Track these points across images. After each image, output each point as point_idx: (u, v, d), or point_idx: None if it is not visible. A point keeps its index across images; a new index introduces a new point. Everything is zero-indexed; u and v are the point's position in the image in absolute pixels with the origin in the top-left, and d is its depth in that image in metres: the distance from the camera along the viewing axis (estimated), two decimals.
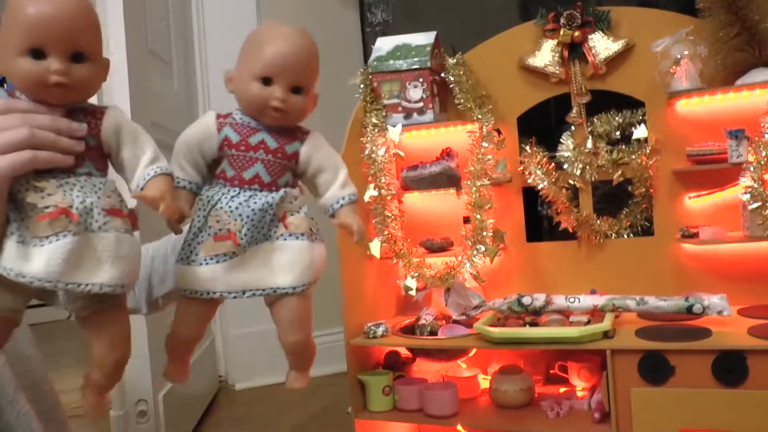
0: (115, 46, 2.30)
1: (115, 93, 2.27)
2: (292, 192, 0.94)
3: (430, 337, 1.97)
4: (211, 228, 0.89)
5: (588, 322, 1.78)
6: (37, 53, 0.74)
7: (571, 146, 2.03)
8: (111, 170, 0.86)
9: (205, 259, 0.89)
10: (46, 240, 0.73)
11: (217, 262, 0.89)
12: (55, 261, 0.73)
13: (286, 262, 0.90)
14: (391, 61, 2.10)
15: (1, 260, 0.74)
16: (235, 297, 0.91)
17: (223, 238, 0.88)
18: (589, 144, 2.02)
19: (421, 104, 2.07)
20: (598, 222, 2.04)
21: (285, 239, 0.91)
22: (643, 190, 1.98)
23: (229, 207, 0.89)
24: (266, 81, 0.90)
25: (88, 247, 0.75)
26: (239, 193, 0.90)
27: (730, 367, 1.55)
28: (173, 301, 1.01)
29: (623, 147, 2.00)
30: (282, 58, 0.90)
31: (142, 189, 0.81)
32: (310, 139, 0.97)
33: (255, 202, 0.89)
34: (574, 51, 2.00)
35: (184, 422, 2.85)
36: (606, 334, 1.71)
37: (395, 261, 2.08)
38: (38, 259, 0.73)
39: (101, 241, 0.76)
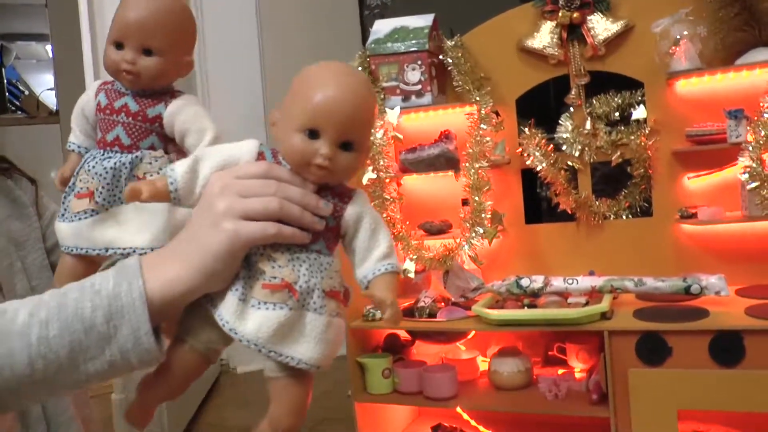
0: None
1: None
2: (153, 153, 0.94)
3: (429, 320, 1.97)
4: (76, 186, 0.92)
5: (586, 304, 1.78)
6: (313, 134, 0.78)
7: (570, 127, 2.03)
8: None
9: (71, 217, 0.92)
10: (264, 305, 0.75)
11: (80, 219, 0.92)
12: (266, 329, 0.75)
13: (145, 221, 0.92)
14: (389, 44, 2.09)
15: (221, 310, 0.77)
16: (98, 253, 0.92)
17: (84, 195, 0.92)
18: (588, 125, 2.01)
19: (419, 87, 2.06)
20: (597, 203, 2.04)
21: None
22: (642, 170, 1.98)
23: (89, 167, 0.92)
24: (118, 45, 0.90)
25: (299, 323, 0.77)
26: (102, 153, 0.93)
27: (727, 348, 1.55)
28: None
29: (622, 128, 2.00)
30: (129, 21, 0.88)
31: (368, 283, 0.81)
32: (177, 101, 0.94)
33: (108, 162, 0.92)
34: (573, 32, 1.99)
35: (187, 405, 2.87)
36: (604, 316, 1.71)
37: (394, 243, 2.08)
38: (252, 322, 0.75)
39: (313, 321, 0.77)
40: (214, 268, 0.74)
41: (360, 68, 2.10)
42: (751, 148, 1.69)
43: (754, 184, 1.68)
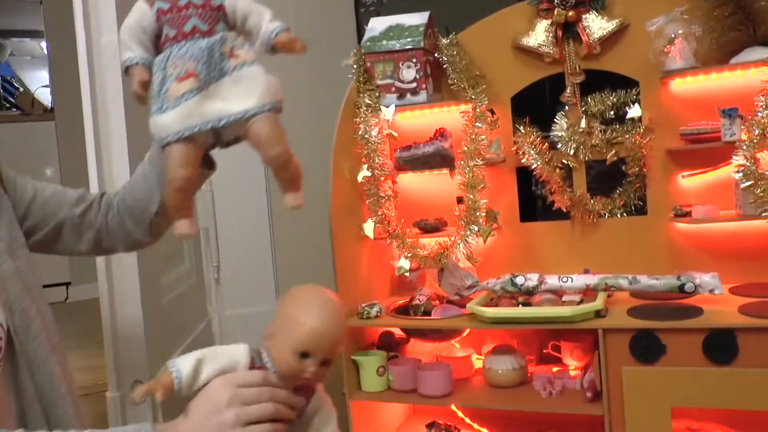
0: (106, 28, 2.29)
1: (108, 76, 2.26)
2: (232, 33, 1.03)
3: (423, 318, 1.98)
4: (171, 75, 0.98)
5: (581, 302, 1.79)
6: (304, 355, 0.98)
7: (565, 126, 2.03)
8: None
9: (176, 102, 0.97)
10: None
11: (186, 99, 0.97)
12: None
13: (247, 88, 1.00)
14: (385, 42, 2.09)
15: None
16: (212, 126, 0.98)
17: (185, 77, 0.97)
18: (583, 123, 2.02)
19: (414, 84, 2.06)
20: (592, 201, 2.04)
21: (240, 69, 1.01)
22: (637, 169, 1.98)
23: (181, 54, 0.98)
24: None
25: None
26: (185, 42, 0.99)
27: (721, 346, 1.56)
28: (167, 217, 1.11)
29: (617, 126, 2.00)
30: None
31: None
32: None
33: (199, 43, 0.99)
34: (569, 31, 1.99)
35: (182, 402, 2.87)
36: (598, 314, 1.72)
37: (389, 241, 2.08)
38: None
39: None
40: None
41: (355, 66, 2.10)
42: (745, 147, 1.69)
43: (748, 183, 1.69)
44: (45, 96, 5.42)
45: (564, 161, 2.03)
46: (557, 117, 2.05)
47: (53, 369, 1.12)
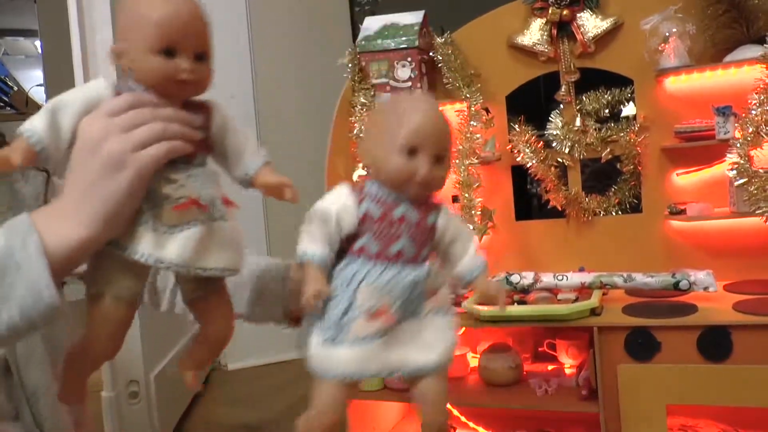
0: (101, 27, 2.29)
1: (103, 71, 2.26)
2: (435, 266, 0.90)
3: None
4: (361, 305, 0.84)
5: (576, 300, 1.79)
6: (169, 52, 0.78)
7: (560, 124, 2.03)
8: None
9: (356, 341, 0.85)
10: (177, 229, 0.77)
11: (370, 342, 0.85)
12: (189, 248, 0.76)
13: (434, 339, 0.89)
14: (380, 41, 2.09)
15: (138, 247, 0.76)
16: (388, 375, 0.89)
17: (376, 315, 0.84)
18: (578, 122, 2.02)
19: (409, 83, 2.06)
20: (587, 199, 2.05)
21: (433, 316, 0.89)
22: (632, 167, 1.99)
23: (380, 282, 0.85)
24: (412, 152, 0.85)
25: (211, 235, 0.79)
26: (386, 268, 0.85)
27: (716, 343, 1.56)
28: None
29: (612, 125, 2.00)
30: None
31: (252, 177, 0.84)
32: (444, 210, 0.91)
33: (405, 277, 0.86)
34: (563, 29, 2.00)
35: (176, 403, 2.87)
36: (593, 311, 1.72)
37: None
38: (172, 246, 0.76)
39: (221, 229, 0.80)
40: (119, 211, 0.75)
41: (350, 65, 2.10)
42: (739, 145, 1.70)
43: (741, 181, 1.69)
44: (39, 95, 5.40)
45: (559, 159, 2.04)
46: (552, 115, 2.05)
47: (54, 399, 0.99)
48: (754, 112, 1.69)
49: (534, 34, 2.03)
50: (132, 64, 0.80)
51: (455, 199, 2.02)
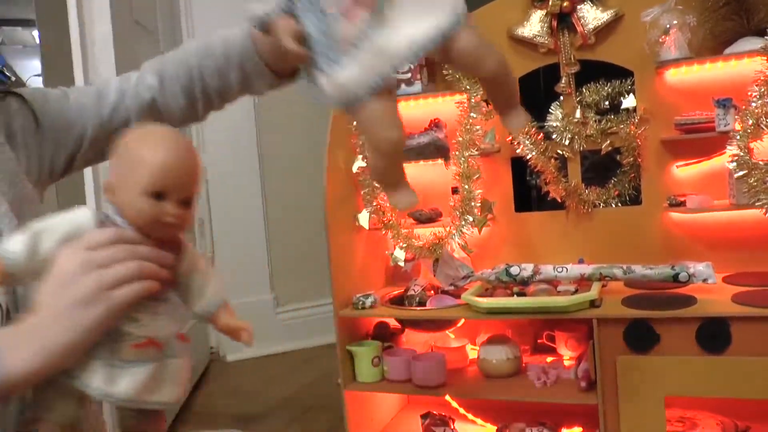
0: (100, 18, 2.28)
1: (101, 65, 2.25)
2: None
3: (418, 308, 1.98)
4: (332, 12, 0.81)
5: (575, 292, 1.79)
6: (158, 196, 0.79)
7: (560, 116, 2.03)
8: None
9: (352, 47, 0.81)
10: (132, 365, 0.78)
11: (365, 40, 0.80)
12: (137, 385, 0.78)
13: (427, 1, 0.81)
14: None
15: (90, 380, 0.77)
16: (408, 62, 0.83)
17: (353, 11, 0.80)
18: (578, 114, 2.01)
19: (408, 75, 2.06)
20: (587, 191, 2.04)
21: None
22: (632, 159, 1.98)
23: None
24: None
25: (162, 371, 0.81)
26: None
27: (714, 335, 1.57)
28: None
29: (612, 116, 2.00)
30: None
31: (212, 315, 0.88)
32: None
33: None
34: (563, 21, 1.99)
35: None
36: (593, 303, 1.72)
37: (384, 232, 2.09)
38: (125, 382, 0.78)
39: (171, 365, 0.83)
40: (80, 346, 0.75)
41: None
42: (738, 137, 1.70)
43: (741, 173, 1.69)
44: (37, 85, 5.39)
45: (559, 151, 2.03)
46: (552, 107, 2.05)
47: None
48: (754, 104, 1.68)
49: (534, 25, 2.02)
50: (121, 201, 0.81)
51: (455, 190, 2.02)
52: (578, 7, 1.96)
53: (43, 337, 0.74)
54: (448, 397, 2.06)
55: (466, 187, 1.97)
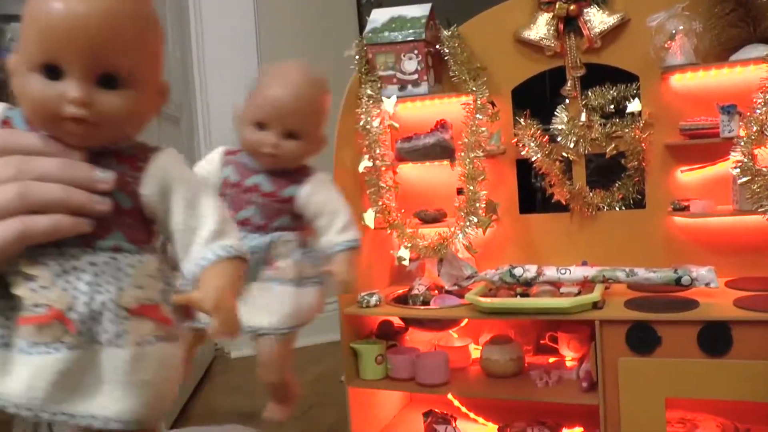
0: None
1: None
2: (285, 236, 0.93)
3: (422, 307, 1.99)
4: None
5: (578, 293, 1.81)
6: (54, 71, 0.53)
7: (565, 119, 2.04)
8: None
9: None
10: (32, 349, 0.52)
11: None
12: (42, 382, 0.52)
13: (268, 304, 0.92)
14: (386, 33, 2.10)
15: None
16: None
17: None
18: (583, 117, 2.03)
19: (415, 76, 2.07)
20: (591, 194, 2.06)
21: (272, 282, 0.92)
22: (636, 163, 2.00)
23: None
24: (260, 126, 0.88)
25: (91, 365, 0.54)
26: None
27: (716, 338, 1.58)
28: None
29: (617, 120, 2.01)
30: (275, 103, 0.85)
31: (197, 281, 0.58)
32: (311, 181, 0.94)
33: (247, 242, 0.88)
34: (570, 24, 2.00)
35: (180, 390, 2.88)
36: (595, 305, 1.74)
37: (389, 231, 2.10)
38: (19, 375, 0.52)
39: (110, 358, 0.54)
40: None
41: (357, 57, 2.11)
42: (743, 144, 1.71)
43: (745, 179, 1.71)
44: None
45: (564, 154, 2.05)
46: (557, 110, 2.06)
47: None
48: (758, 111, 1.69)
49: (540, 28, 2.03)
50: (15, 83, 0.56)
51: (460, 191, 2.04)
52: (585, 10, 1.98)
53: None
54: (450, 396, 2.08)
55: (471, 188, 1.99)
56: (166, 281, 0.58)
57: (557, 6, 1.98)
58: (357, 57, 2.11)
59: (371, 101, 2.06)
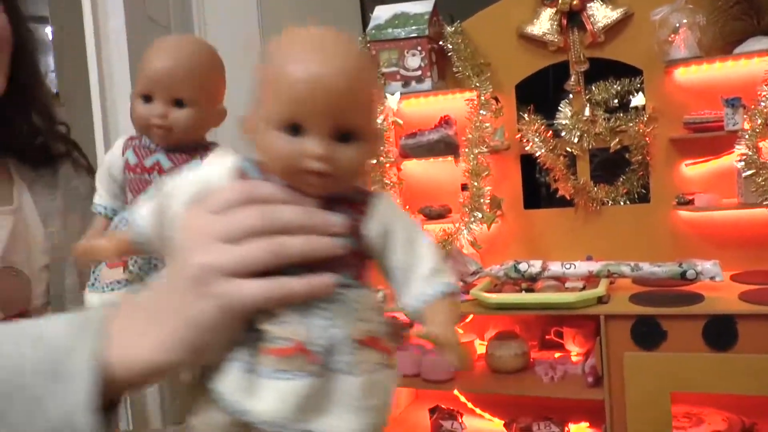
0: (113, 13, 2.30)
1: (115, 62, 2.27)
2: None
3: None
4: None
5: (583, 288, 1.81)
6: (296, 129, 0.57)
7: (569, 114, 2.04)
8: None
9: (102, 287, 0.84)
10: (277, 375, 0.57)
11: (112, 290, 0.83)
12: (287, 404, 0.56)
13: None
14: (390, 30, 2.10)
15: (220, 385, 0.58)
16: None
17: (116, 264, 0.81)
18: (587, 112, 2.03)
19: (419, 72, 2.07)
20: (595, 189, 2.05)
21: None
22: (640, 157, 1.99)
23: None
24: (147, 98, 0.83)
25: (326, 389, 0.58)
26: None
27: (721, 332, 1.58)
28: None
29: (621, 115, 2.01)
30: (158, 71, 0.80)
31: (419, 315, 0.62)
32: (212, 156, 0.84)
33: None
34: (573, 19, 2.00)
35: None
36: (600, 300, 1.74)
37: None
38: (268, 397, 0.57)
39: (345, 385, 0.58)
40: (200, 341, 0.56)
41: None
42: (747, 136, 1.70)
43: (749, 172, 1.70)
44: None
45: (568, 149, 2.04)
46: (561, 105, 2.06)
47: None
48: (763, 103, 1.69)
49: (544, 23, 2.03)
50: (259, 140, 0.59)
51: (464, 187, 2.04)
52: (588, 5, 1.97)
53: (157, 323, 0.56)
54: (456, 392, 2.08)
55: (476, 183, 1.99)
56: (382, 315, 0.62)
57: (560, 1, 1.97)
58: None
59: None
